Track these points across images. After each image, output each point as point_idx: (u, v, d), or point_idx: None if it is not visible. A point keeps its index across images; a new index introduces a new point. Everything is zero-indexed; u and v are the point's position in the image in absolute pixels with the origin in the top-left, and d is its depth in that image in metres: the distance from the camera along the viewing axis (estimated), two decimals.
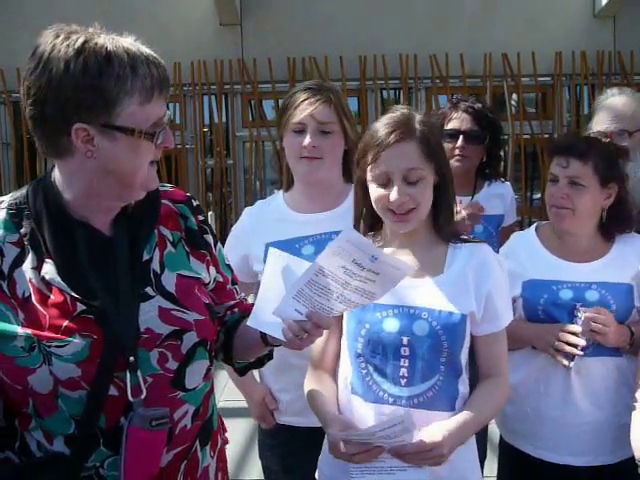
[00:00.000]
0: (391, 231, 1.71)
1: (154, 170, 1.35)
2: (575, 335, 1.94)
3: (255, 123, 7.58)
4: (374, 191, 1.64)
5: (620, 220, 2.11)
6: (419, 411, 1.59)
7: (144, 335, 1.31)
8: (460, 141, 2.57)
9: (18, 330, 1.24)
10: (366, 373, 1.64)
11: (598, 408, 2.02)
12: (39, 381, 1.24)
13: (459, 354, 1.64)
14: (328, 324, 1.39)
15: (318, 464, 1.78)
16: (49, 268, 1.28)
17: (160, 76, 1.28)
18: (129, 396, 1.28)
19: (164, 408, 1.31)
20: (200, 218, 1.52)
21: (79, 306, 1.27)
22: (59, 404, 1.26)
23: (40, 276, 1.27)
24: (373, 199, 1.65)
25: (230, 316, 1.59)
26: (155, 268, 1.38)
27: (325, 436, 1.76)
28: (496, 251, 2.03)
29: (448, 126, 2.61)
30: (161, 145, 1.32)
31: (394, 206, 1.61)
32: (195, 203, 1.54)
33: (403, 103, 7.33)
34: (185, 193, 1.55)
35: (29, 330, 1.24)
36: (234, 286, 1.62)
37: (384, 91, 7.53)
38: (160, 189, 1.47)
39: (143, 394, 1.29)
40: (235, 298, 1.61)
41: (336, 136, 2.05)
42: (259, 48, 7.30)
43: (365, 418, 1.61)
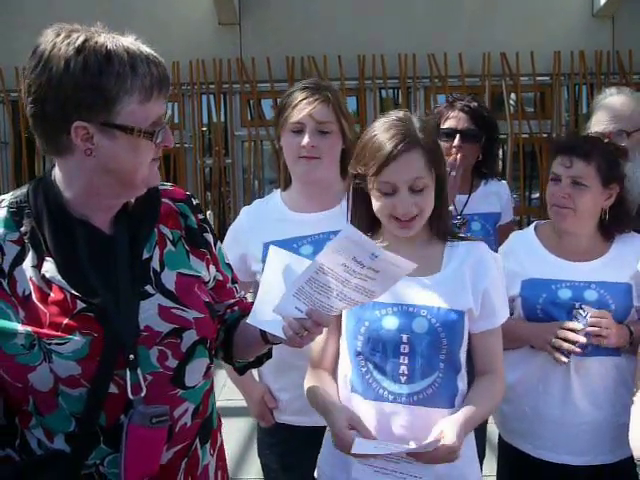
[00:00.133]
0: (389, 231, 1.72)
1: (156, 167, 1.36)
2: (574, 332, 1.94)
3: (254, 122, 7.58)
4: (378, 200, 1.64)
5: (620, 220, 2.11)
6: (419, 408, 1.60)
7: (144, 333, 1.32)
8: (457, 140, 2.57)
9: (18, 328, 1.24)
10: (366, 371, 1.64)
11: (597, 408, 2.02)
12: (39, 379, 1.24)
13: (458, 351, 1.65)
14: (328, 322, 1.39)
15: (317, 463, 1.79)
16: (49, 266, 1.28)
17: (160, 75, 1.28)
18: (129, 394, 1.28)
19: (164, 406, 1.31)
20: (200, 217, 1.52)
21: (79, 304, 1.27)
22: (59, 402, 1.26)
23: (40, 274, 1.28)
24: (376, 208, 1.65)
25: (230, 314, 1.59)
26: (155, 266, 1.38)
27: (325, 435, 1.76)
28: (494, 249, 2.03)
29: (445, 125, 2.61)
30: (161, 144, 1.32)
31: (399, 214, 1.62)
32: (195, 202, 1.54)
33: (402, 103, 7.34)
34: (185, 192, 1.55)
35: (29, 328, 1.24)
36: (234, 285, 1.62)
37: (383, 90, 7.54)
38: (160, 188, 1.47)
39: (143, 392, 1.29)
40: (235, 296, 1.61)
41: (334, 136, 2.05)
42: (258, 47, 7.29)
43: (365, 416, 1.61)
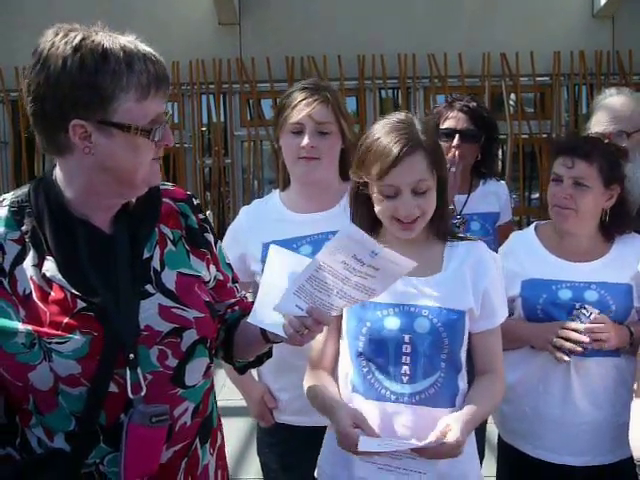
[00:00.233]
0: (390, 232, 1.72)
1: (157, 165, 1.35)
2: (576, 332, 1.93)
3: (253, 122, 7.59)
4: (380, 202, 1.64)
5: (620, 221, 2.11)
6: (421, 408, 1.60)
7: (144, 332, 1.32)
8: (456, 140, 2.57)
9: (19, 327, 1.24)
10: (367, 371, 1.64)
11: (597, 408, 2.02)
12: (39, 378, 1.24)
13: (459, 351, 1.65)
14: (328, 320, 1.39)
15: (318, 462, 1.78)
16: (50, 265, 1.28)
17: (158, 73, 1.28)
18: (129, 393, 1.28)
19: (164, 405, 1.31)
20: (201, 217, 1.52)
21: (79, 303, 1.27)
22: (59, 401, 1.26)
23: (41, 273, 1.28)
24: (379, 210, 1.65)
25: (230, 314, 1.59)
26: (155, 266, 1.38)
27: (325, 435, 1.76)
28: (493, 248, 2.03)
29: (444, 125, 2.61)
30: (160, 143, 1.32)
31: (402, 217, 1.62)
32: (196, 202, 1.54)
33: (402, 103, 7.35)
34: (186, 192, 1.55)
35: (30, 327, 1.24)
36: (234, 284, 1.62)
37: (382, 91, 7.54)
38: (161, 187, 1.47)
39: (143, 391, 1.29)
40: (235, 296, 1.61)
41: (334, 136, 2.05)
42: (258, 47, 7.30)
43: (367, 416, 1.60)
